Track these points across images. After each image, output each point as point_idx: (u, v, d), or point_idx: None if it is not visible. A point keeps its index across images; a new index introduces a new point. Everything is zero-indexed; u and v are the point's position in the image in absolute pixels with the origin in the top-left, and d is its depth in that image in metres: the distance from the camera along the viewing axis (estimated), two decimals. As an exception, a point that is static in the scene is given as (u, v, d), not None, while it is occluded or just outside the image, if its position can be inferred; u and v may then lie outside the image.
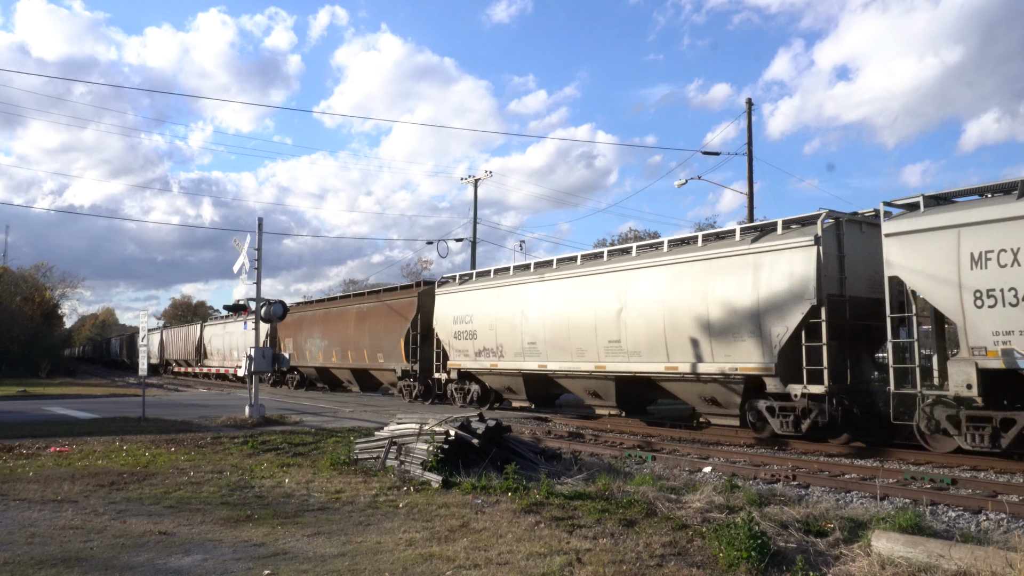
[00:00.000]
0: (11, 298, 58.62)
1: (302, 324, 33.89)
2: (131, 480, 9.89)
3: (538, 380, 19.93)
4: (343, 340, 29.92)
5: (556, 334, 18.55)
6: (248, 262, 19.50)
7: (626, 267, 17.14)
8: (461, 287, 22.67)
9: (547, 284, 19.20)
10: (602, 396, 17.96)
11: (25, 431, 15.38)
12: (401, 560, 6.17)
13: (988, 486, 10.00)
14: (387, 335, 26.51)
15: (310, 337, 32.97)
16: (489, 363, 20.94)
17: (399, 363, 25.63)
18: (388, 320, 26.66)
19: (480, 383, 22.23)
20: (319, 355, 32.09)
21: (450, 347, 22.73)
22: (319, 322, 32.57)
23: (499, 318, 20.52)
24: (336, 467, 10.78)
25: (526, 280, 20.10)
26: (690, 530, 7.16)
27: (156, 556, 6.33)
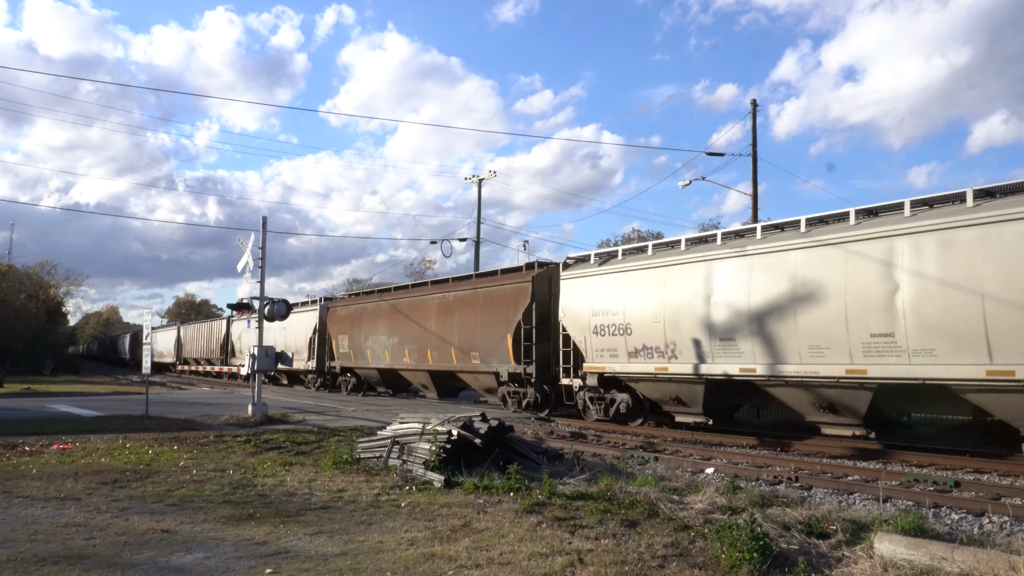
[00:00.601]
0: (15, 295, 58.82)
1: (361, 318, 28.84)
2: (134, 478, 9.91)
3: (730, 387, 15.25)
4: (420, 336, 24.86)
5: (767, 326, 14.04)
6: (252, 261, 19.52)
7: (908, 229, 12.33)
8: (603, 268, 17.83)
9: (751, 260, 14.46)
10: (844, 411, 13.50)
11: (29, 428, 15.42)
12: (403, 559, 6.17)
13: (991, 488, 9.97)
14: (486, 330, 21.37)
15: (372, 333, 27.87)
16: (653, 366, 16.17)
17: (504, 365, 20.68)
18: (488, 312, 21.49)
19: (630, 391, 17.45)
20: (384, 354, 27.01)
21: (587, 345, 17.90)
22: (384, 316, 27.31)
23: (669, 306, 15.81)
24: (338, 466, 10.79)
25: (713, 255, 15.21)
26: (692, 531, 7.15)
27: (158, 554, 6.34)
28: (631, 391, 17.43)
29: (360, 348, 28.65)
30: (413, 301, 25.94)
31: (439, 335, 23.82)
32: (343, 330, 30.02)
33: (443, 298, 24.12)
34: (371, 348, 27.85)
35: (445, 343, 23.34)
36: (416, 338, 25.04)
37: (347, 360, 29.79)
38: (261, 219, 19.80)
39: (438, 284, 25.49)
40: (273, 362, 19.75)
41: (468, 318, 22.38)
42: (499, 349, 20.84)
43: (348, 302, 30.88)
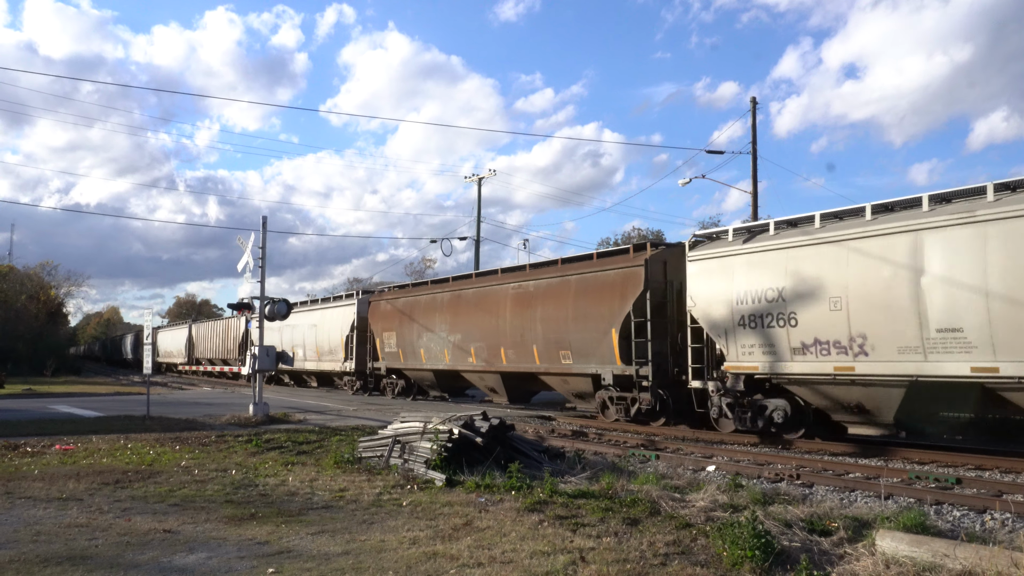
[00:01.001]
0: (16, 297, 58.85)
1: (413, 313, 25.23)
2: (136, 478, 9.91)
3: (942, 392, 12.06)
4: (490, 333, 21.23)
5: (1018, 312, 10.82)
6: (252, 261, 19.53)
7: None
8: (750, 246, 14.49)
9: (984, 228, 11.25)
10: None
11: (30, 429, 15.43)
12: (405, 559, 6.18)
13: (993, 485, 9.97)
14: (581, 325, 17.96)
15: (427, 330, 24.21)
16: (832, 365, 12.97)
17: (606, 366, 17.30)
18: (583, 303, 18.08)
19: (787, 396, 14.15)
20: (442, 354, 23.51)
21: (728, 341, 14.66)
22: (443, 310, 23.62)
23: (854, 289, 12.68)
24: (340, 465, 10.79)
25: (922, 223, 11.99)
26: (694, 529, 7.15)
27: (161, 554, 6.34)
28: (789, 396, 14.13)
29: (411, 347, 25.17)
30: (481, 292, 22.05)
31: (516, 331, 20.15)
32: (389, 327, 26.56)
33: (520, 288, 20.31)
34: (425, 347, 24.32)
35: (524, 340, 19.81)
36: (485, 335, 21.40)
37: (394, 360, 26.43)
38: (261, 219, 19.82)
39: (513, 272, 21.81)
40: (274, 362, 19.76)
41: (556, 311, 18.77)
42: (600, 347, 17.37)
43: (395, 295, 27.35)
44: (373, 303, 28.31)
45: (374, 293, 30.07)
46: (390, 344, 26.69)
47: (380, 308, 27.65)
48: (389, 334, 26.70)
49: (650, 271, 16.54)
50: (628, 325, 16.71)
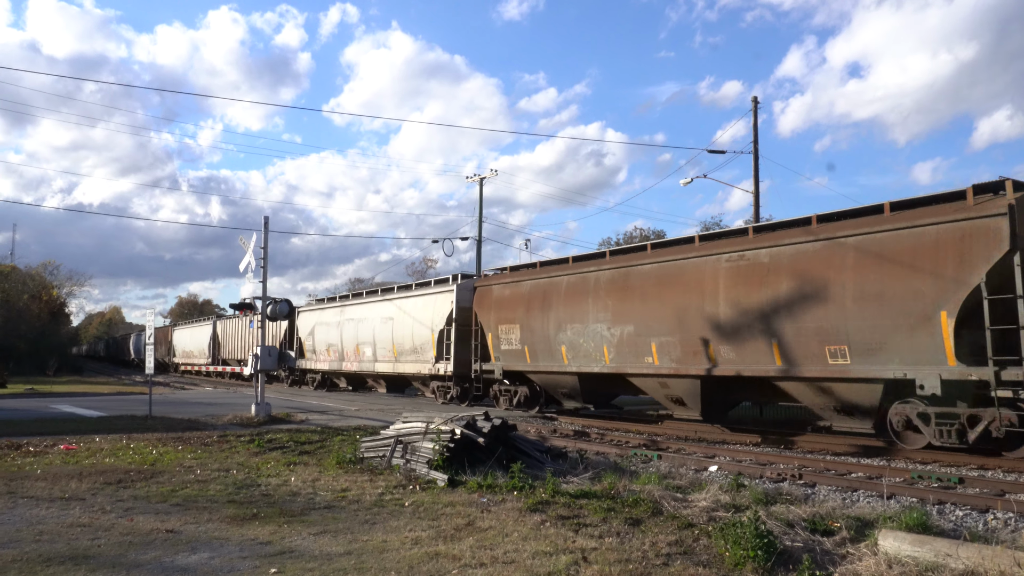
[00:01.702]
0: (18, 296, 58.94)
1: (548, 298, 19.24)
2: (138, 478, 9.93)
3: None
4: (686, 321, 15.71)
5: None
6: (254, 261, 19.55)
7: None
8: None
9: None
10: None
11: (33, 429, 15.45)
12: (407, 559, 6.18)
13: (995, 485, 9.96)
14: (874, 307, 12.55)
15: (574, 320, 18.30)
16: None
17: (924, 366, 11.92)
18: (875, 275, 12.62)
19: None
20: (599, 352, 17.62)
21: None
22: (600, 292, 17.75)
23: None
24: (342, 465, 10.80)
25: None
26: (696, 529, 7.15)
27: (163, 554, 6.35)
28: None
29: (545, 343, 19.17)
30: (667, 269, 16.47)
31: (734, 320, 14.81)
32: (509, 317, 20.65)
33: (743, 259, 14.79)
34: (570, 343, 18.44)
35: (751, 332, 14.45)
36: (676, 325, 15.91)
37: (516, 360, 20.49)
38: (263, 219, 19.82)
39: (723, 239, 16.04)
40: (276, 362, 19.77)
41: (816, 287, 13.36)
42: (911, 339, 12.10)
43: (516, 277, 21.31)
44: (482, 289, 22.44)
45: (480, 276, 24.36)
46: (510, 340, 20.65)
47: (493, 295, 21.65)
48: (508, 327, 20.75)
49: (1019, 221, 11.14)
50: (971, 305, 11.42)
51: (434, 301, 24.87)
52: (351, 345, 29.72)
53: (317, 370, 33.59)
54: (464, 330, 23.01)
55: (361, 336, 28.99)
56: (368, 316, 28.72)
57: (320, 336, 32.61)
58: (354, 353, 29.68)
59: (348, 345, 30.00)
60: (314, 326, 33.26)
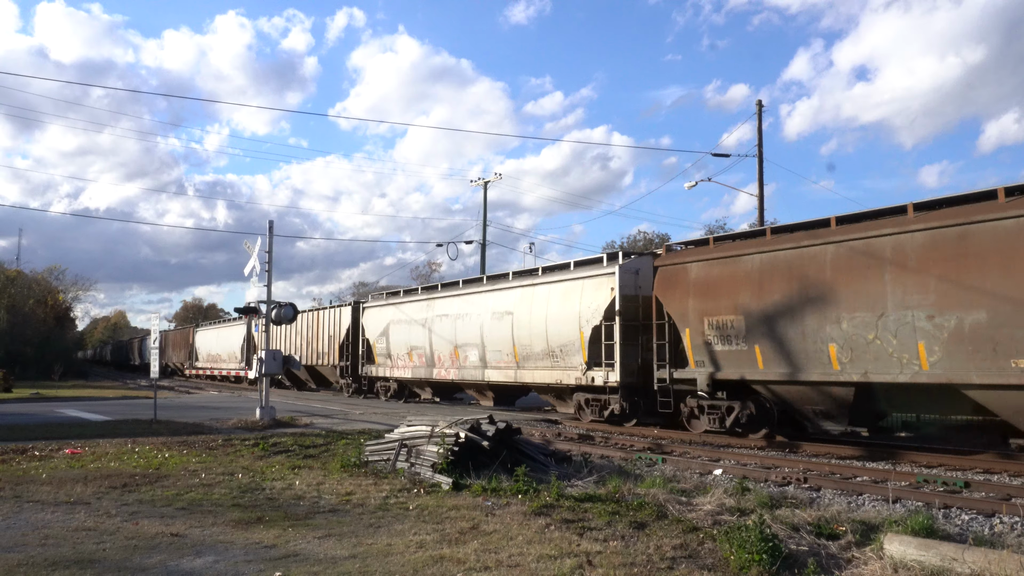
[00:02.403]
0: (24, 301, 59.12)
1: (796, 276, 13.84)
2: (143, 482, 9.94)
3: None
4: None
5: None
6: (259, 265, 19.59)
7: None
8: None
9: None
10: None
11: (38, 433, 15.48)
12: (411, 562, 6.18)
13: (1002, 489, 9.92)
14: None
15: (850, 307, 12.92)
16: None
17: None
18: None
19: None
20: (908, 351, 12.16)
21: None
22: (902, 264, 12.36)
23: None
24: (347, 469, 10.81)
25: None
26: (701, 533, 7.14)
27: (168, 558, 6.36)
28: None
29: (799, 340, 13.63)
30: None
31: None
32: (724, 306, 14.89)
33: None
34: (846, 339, 12.93)
35: None
36: None
37: (737, 365, 14.85)
38: (268, 223, 19.87)
39: None
40: (280, 365, 19.79)
41: None
42: None
43: (730, 250, 15.32)
44: (669, 269, 16.17)
45: (663, 251, 17.17)
46: (726, 337, 14.92)
47: (689, 277, 15.69)
48: (722, 320, 14.93)
49: None
50: None
51: (581, 288, 18.79)
52: (445, 348, 23.92)
53: (393, 378, 27.88)
54: (630, 328, 17.35)
55: (462, 336, 23.12)
56: (472, 311, 22.75)
57: (398, 337, 26.80)
58: (450, 358, 23.71)
59: (441, 348, 24.18)
60: (388, 325, 27.40)
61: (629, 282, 17.67)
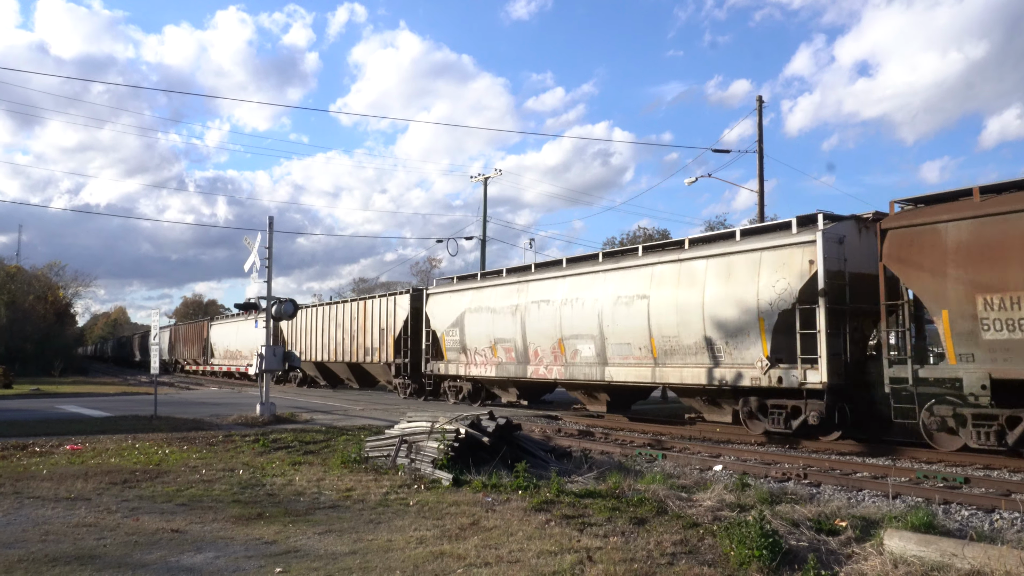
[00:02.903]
0: (24, 297, 59.11)
1: None
2: (143, 478, 9.95)
3: None
4: None
5: None
6: (259, 261, 19.59)
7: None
8: None
9: None
10: None
11: (39, 429, 15.50)
12: (412, 558, 6.18)
13: (1001, 485, 9.93)
14: None
15: None
16: None
17: None
18: None
19: None
20: None
21: None
22: None
23: None
24: (347, 465, 10.81)
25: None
26: (701, 528, 7.14)
27: (168, 554, 6.36)
28: None
29: None
30: None
31: None
32: (1016, 280, 11.09)
33: None
34: None
35: None
36: None
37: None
38: (268, 219, 19.87)
39: None
40: (281, 362, 19.79)
41: None
42: None
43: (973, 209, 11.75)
44: (905, 233, 12.49)
45: (883, 214, 13.56)
46: (1020, 320, 11.02)
47: (947, 240, 11.87)
48: (1012, 298, 11.15)
49: None
50: None
51: (757, 263, 14.76)
52: (545, 340, 19.72)
53: (468, 377, 23.45)
54: (837, 311, 13.77)
55: (571, 326, 18.88)
56: (585, 295, 18.69)
57: (477, 328, 22.49)
58: (552, 352, 19.58)
59: (539, 340, 19.94)
60: (462, 314, 23.13)
61: (834, 253, 13.86)
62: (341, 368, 31.94)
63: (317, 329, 33.01)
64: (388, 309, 27.77)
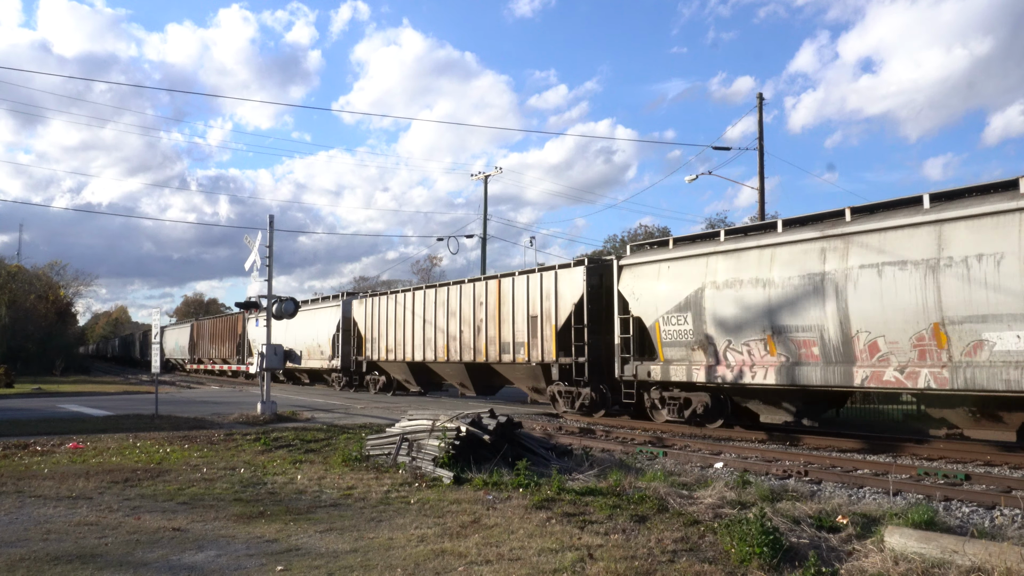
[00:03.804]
0: (25, 297, 59.12)
1: None
2: (145, 477, 9.96)
3: None
4: None
5: None
6: (260, 259, 19.60)
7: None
8: None
9: None
10: None
11: (40, 428, 15.52)
12: (413, 556, 6.19)
13: (1003, 481, 9.93)
14: None
15: None
16: None
17: None
18: None
19: None
20: None
21: None
22: None
23: None
24: (348, 463, 10.82)
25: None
26: (702, 526, 7.15)
27: (170, 552, 6.37)
28: None
29: None
30: None
31: None
32: None
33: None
34: None
35: None
36: None
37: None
38: (268, 218, 19.88)
39: None
40: (282, 360, 19.80)
41: None
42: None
43: None
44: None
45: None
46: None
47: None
48: None
49: None
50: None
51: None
52: (900, 326, 12.31)
53: (711, 384, 15.55)
54: None
55: (964, 301, 11.51)
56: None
57: (731, 310, 15.11)
58: (916, 344, 11.98)
59: (878, 326, 12.60)
60: (700, 291, 15.75)
61: None
62: (453, 370, 24.57)
63: (408, 320, 26.37)
64: (545, 289, 20.33)
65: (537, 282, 20.63)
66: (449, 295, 24.15)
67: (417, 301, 26.05)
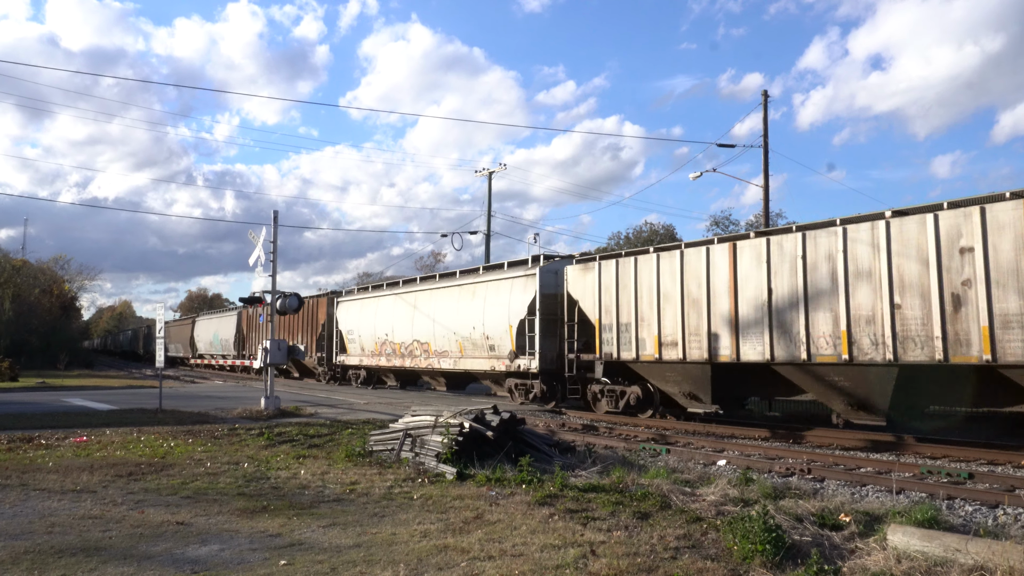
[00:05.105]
0: (30, 291, 59.24)
1: None
2: (149, 471, 9.99)
3: None
4: None
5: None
6: (264, 255, 19.60)
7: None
8: None
9: None
10: None
11: (44, 422, 15.56)
12: (416, 551, 6.20)
13: (1006, 480, 9.92)
14: None
15: None
16: None
17: None
18: None
19: None
20: None
21: None
22: None
23: None
24: (351, 459, 10.84)
25: None
26: (704, 523, 7.15)
27: (174, 546, 6.39)
28: None
29: None
30: None
31: None
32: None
33: None
34: None
35: None
36: None
37: None
38: (273, 213, 19.88)
39: None
40: (285, 356, 19.83)
41: None
42: None
43: None
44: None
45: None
46: None
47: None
48: None
49: None
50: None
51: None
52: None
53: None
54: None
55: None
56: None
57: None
58: None
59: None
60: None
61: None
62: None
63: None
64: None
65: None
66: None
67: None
